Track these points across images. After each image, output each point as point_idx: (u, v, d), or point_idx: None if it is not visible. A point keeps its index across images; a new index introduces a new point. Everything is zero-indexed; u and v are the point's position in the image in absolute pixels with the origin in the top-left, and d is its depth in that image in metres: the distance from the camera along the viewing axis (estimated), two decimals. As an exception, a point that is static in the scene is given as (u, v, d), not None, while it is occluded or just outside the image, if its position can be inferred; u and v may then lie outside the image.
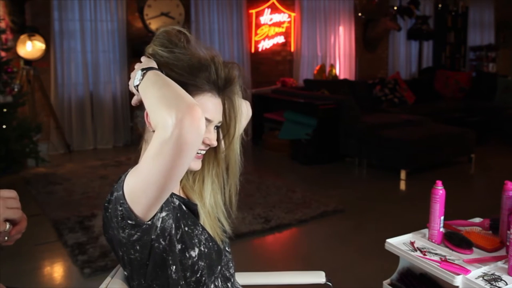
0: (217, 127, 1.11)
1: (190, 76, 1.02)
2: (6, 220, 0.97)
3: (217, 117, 1.08)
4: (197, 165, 1.08)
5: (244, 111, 1.21)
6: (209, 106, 1.05)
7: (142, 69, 0.96)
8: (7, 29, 5.16)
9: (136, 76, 0.97)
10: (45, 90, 5.57)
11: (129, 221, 0.92)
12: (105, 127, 6.12)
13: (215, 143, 1.08)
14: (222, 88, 1.07)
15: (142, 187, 0.89)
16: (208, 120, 1.05)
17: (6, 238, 1.01)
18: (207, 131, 1.06)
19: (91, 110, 6.04)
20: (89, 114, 6.02)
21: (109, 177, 4.74)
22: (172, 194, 1.08)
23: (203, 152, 1.09)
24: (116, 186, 0.97)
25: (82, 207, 3.89)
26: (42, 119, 5.49)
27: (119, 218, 0.93)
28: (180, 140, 0.82)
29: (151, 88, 0.92)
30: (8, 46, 5.04)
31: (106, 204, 0.99)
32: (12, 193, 0.98)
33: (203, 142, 1.06)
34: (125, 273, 1.06)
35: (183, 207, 1.10)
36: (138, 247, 0.96)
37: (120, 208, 0.92)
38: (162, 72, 0.98)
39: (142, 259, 0.98)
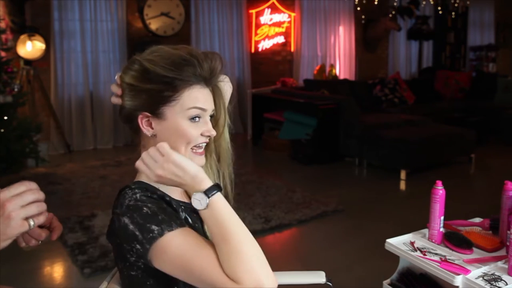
0: (210, 117, 1.10)
1: (177, 71, 1.01)
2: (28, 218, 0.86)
3: (210, 106, 1.07)
4: (200, 161, 1.08)
5: (228, 95, 1.21)
6: (200, 96, 1.04)
7: (206, 193, 0.91)
8: (7, 29, 5.16)
9: (197, 198, 0.92)
10: (45, 90, 5.57)
11: (142, 260, 0.94)
12: (105, 127, 6.12)
13: (214, 133, 1.08)
14: (209, 79, 1.07)
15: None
16: (203, 110, 1.05)
17: (40, 241, 0.98)
18: (203, 122, 1.06)
19: (91, 110, 6.04)
20: (89, 114, 6.02)
21: (109, 177, 4.74)
22: (179, 207, 1.06)
23: (204, 145, 1.08)
24: (136, 227, 0.93)
25: (82, 207, 3.89)
26: (42, 119, 5.49)
27: (133, 251, 0.94)
28: None
29: (231, 228, 0.90)
30: (8, 46, 5.04)
31: (115, 223, 0.97)
32: (22, 187, 0.85)
33: (203, 134, 1.05)
34: (121, 281, 1.05)
35: (189, 219, 1.08)
36: (142, 266, 0.96)
37: (140, 249, 0.92)
38: (221, 191, 0.94)
39: (143, 277, 0.98)
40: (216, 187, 0.92)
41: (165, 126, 1.03)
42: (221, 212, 0.91)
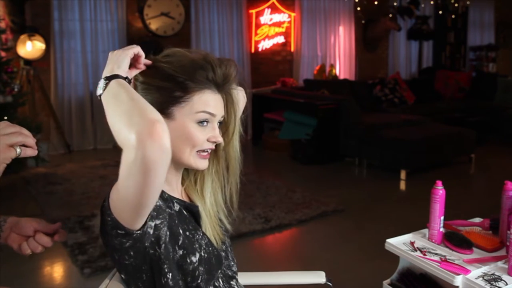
0: (219, 123, 1.10)
1: (189, 74, 1.03)
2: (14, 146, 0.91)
3: (220, 112, 1.08)
4: (203, 164, 1.08)
5: (242, 105, 1.21)
6: (211, 101, 1.05)
7: (106, 78, 0.92)
8: (7, 29, 5.16)
9: (99, 85, 0.92)
10: (45, 90, 5.57)
11: (118, 231, 0.92)
12: (105, 127, 6.03)
13: (220, 140, 1.08)
14: (222, 85, 1.08)
15: (122, 204, 0.90)
16: (211, 115, 1.05)
17: (44, 249, 1.02)
18: (211, 127, 1.06)
19: (91, 110, 6.04)
20: (89, 114, 6.02)
21: (109, 177, 4.74)
22: (172, 199, 1.08)
23: (209, 150, 1.08)
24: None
25: (82, 207, 3.89)
26: (42, 119, 5.49)
27: (110, 228, 0.93)
28: (145, 160, 0.79)
29: (112, 103, 0.88)
30: (8, 46, 5.04)
31: (102, 209, 0.98)
32: (3, 123, 0.94)
33: (209, 140, 1.06)
34: (122, 276, 1.05)
35: (184, 211, 1.09)
36: (132, 253, 0.96)
37: (109, 219, 0.93)
38: (127, 80, 0.94)
39: (137, 264, 0.98)
40: (120, 77, 0.92)
41: (173, 127, 1.03)
42: (119, 90, 0.89)
